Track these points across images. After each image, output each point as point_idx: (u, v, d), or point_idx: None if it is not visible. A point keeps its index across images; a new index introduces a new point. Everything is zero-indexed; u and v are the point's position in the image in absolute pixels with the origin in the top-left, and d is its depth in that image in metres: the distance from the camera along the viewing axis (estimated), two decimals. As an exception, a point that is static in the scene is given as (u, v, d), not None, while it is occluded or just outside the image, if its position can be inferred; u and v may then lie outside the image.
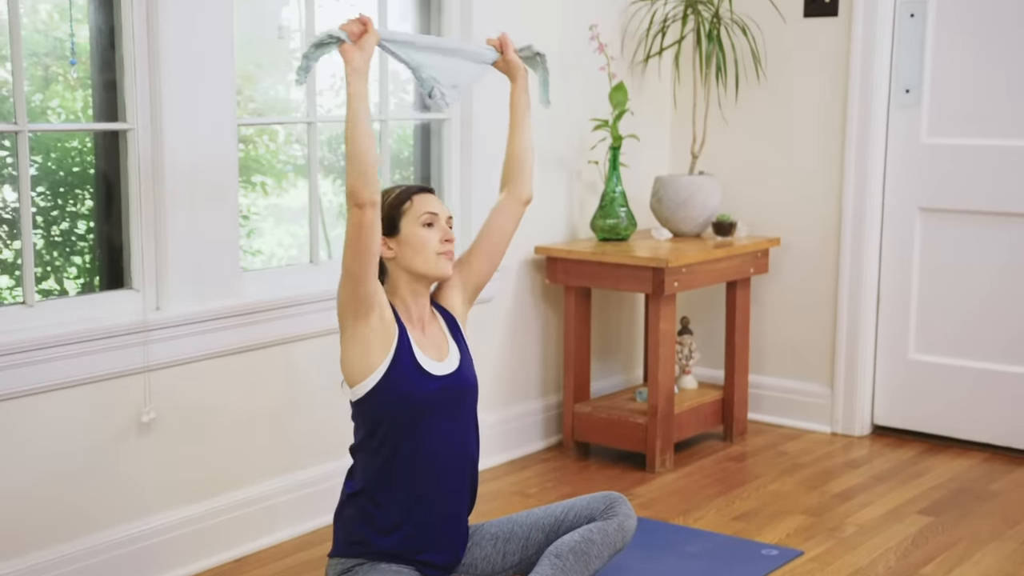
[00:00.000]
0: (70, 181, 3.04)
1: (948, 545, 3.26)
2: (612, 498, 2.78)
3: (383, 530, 2.60)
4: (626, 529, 2.76)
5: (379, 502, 2.60)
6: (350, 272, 2.46)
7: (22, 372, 2.69)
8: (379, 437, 2.58)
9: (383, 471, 2.60)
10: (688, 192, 4.14)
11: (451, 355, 2.65)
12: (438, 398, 2.59)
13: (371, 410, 2.56)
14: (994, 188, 4.03)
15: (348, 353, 2.53)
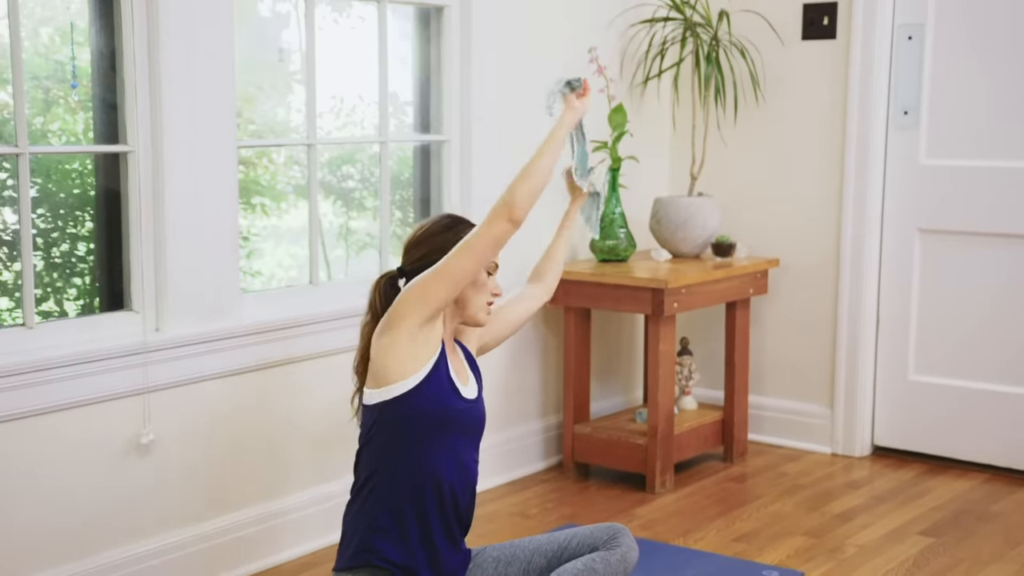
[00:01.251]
0: (70, 203, 3.05)
1: (949, 566, 3.25)
2: (615, 529, 2.81)
3: (391, 539, 2.60)
4: (628, 561, 2.78)
5: (387, 510, 2.60)
6: (457, 275, 2.50)
7: (22, 394, 2.69)
8: (394, 444, 2.58)
9: (393, 480, 2.60)
10: (687, 213, 4.15)
11: (471, 384, 2.70)
12: (461, 418, 2.63)
13: (396, 414, 2.57)
14: (993, 209, 4.04)
15: (395, 351, 2.54)
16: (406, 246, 2.73)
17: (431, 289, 2.52)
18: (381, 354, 2.57)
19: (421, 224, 2.76)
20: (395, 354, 2.55)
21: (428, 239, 2.70)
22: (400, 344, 2.54)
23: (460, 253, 2.50)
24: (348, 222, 3.87)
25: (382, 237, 3.69)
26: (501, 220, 2.50)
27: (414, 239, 2.72)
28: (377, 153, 3.73)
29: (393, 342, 2.55)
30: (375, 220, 3.79)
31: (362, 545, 2.61)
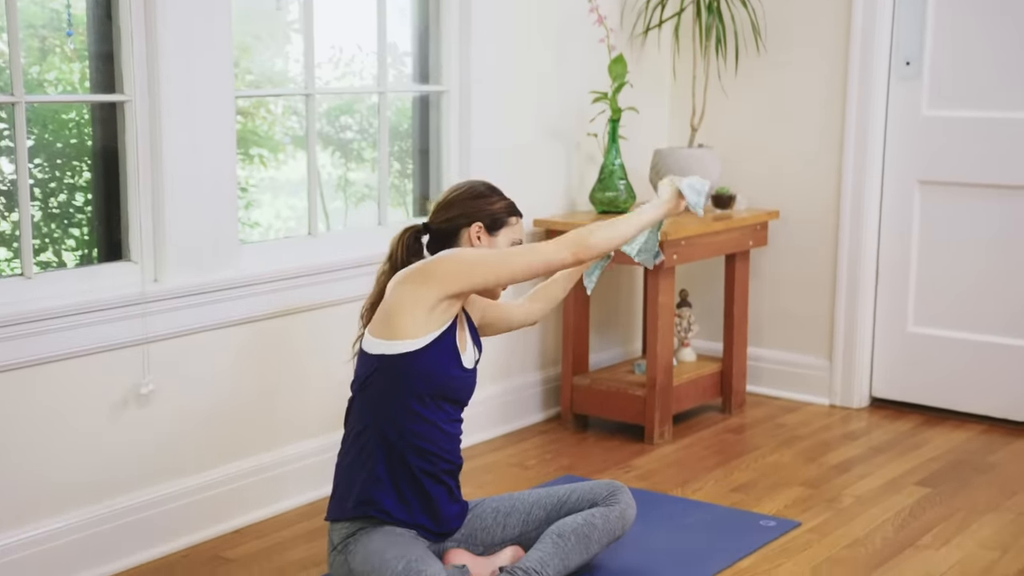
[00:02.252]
0: (68, 153, 3.04)
1: (945, 516, 3.27)
2: (615, 486, 2.85)
3: (388, 491, 2.62)
4: (626, 518, 2.82)
5: (382, 463, 2.63)
6: (506, 273, 2.62)
7: (21, 344, 2.69)
8: (388, 398, 2.60)
9: (386, 433, 2.62)
10: (687, 165, 4.13)
11: (469, 353, 2.74)
12: (455, 385, 2.69)
13: (395, 369, 2.60)
14: (994, 161, 4.02)
15: (414, 310, 2.59)
16: (437, 205, 2.81)
17: (478, 270, 2.59)
18: (398, 304, 2.59)
19: (456, 186, 2.84)
20: (412, 313, 2.58)
21: (459, 203, 2.78)
22: (420, 304, 2.58)
23: (520, 256, 2.62)
24: (346, 173, 3.86)
25: (381, 188, 3.68)
26: (567, 251, 2.63)
27: (446, 200, 2.80)
28: (376, 104, 3.70)
29: (415, 299, 2.58)
30: (374, 171, 3.77)
31: (361, 497, 2.63)
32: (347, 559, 2.59)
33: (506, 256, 2.63)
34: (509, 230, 2.80)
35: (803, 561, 2.96)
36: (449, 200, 2.80)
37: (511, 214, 2.81)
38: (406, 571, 2.40)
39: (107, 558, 2.89)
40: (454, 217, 2.77)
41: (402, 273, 2.65)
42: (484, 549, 2.82)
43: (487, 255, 2.62)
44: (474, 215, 2.77)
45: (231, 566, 2.94)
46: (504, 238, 2.79)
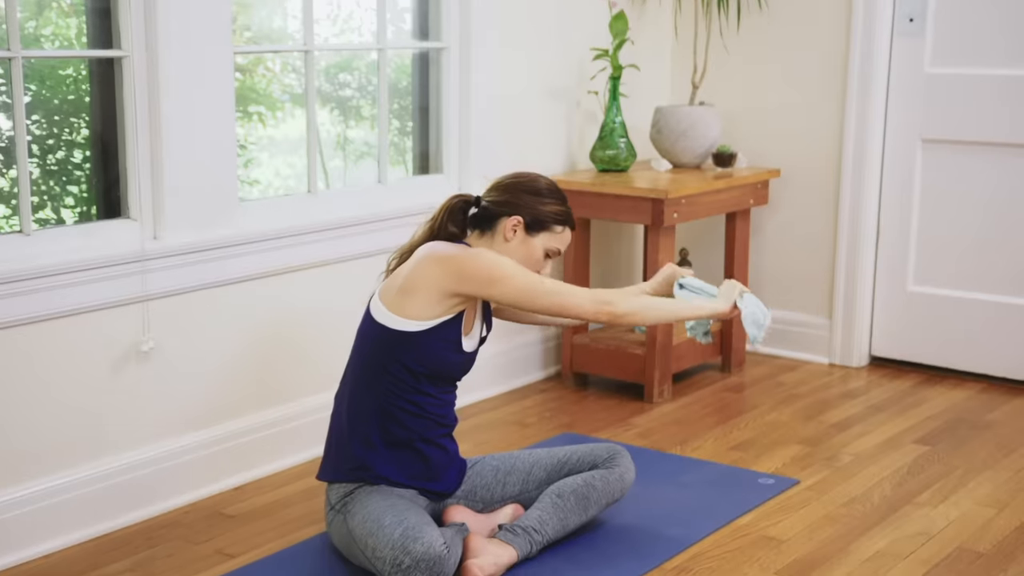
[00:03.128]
0: (65, 109, 3.02)
1: (944, 474, 3.28)
2: (615, 450, 2.86)
3: (382, 460, 2.64)
4: (626, 481, 2.84)
5: (376, 426, 2.64)
6: (523, 298, 2.60)
7: (20, 301, 2.69)
8: (384, 367, 2.61)
9: (379, 399, 2.63)
10: (688, 123, 4.11)
11: (473, 335, 2.73)
12: (451, 368, 2.70)
13: (394, 343, 2.61)
14: (997, 118, 4.00)
15: (424, 294, 2.58)
16: (496, 183, 2.78)
17: (502, 288, 2.58)
18: (415, 282, 2.59)
19: (521, 174, 2.80)
20: (426, 296, 2.58)
21: (514, 191, 2.73)
22: (436, 292, 2.59)
23: (548, 296, 2.60)
24: (346, 131, 3.84)
25: (380, 146, 3.66)
26: (600, 314, 2.62)
27: (504, 183, 2.77)
28: (375, 60, 3.68)
29: (434, 285, 2.58)
30: (373, 129, 3.76)
31: (355, 462, 2.65)
32: (346, 519, 2.60)
33: (535, 287, 2.60)
34: (550, 236, 2.74)
35: (801, 518, 2.98)
36: (506, 184, 2.76)
37: (559, 222, 2.75)
38: (403, 539, 2.40)
39: (107, 515, 2.90)
40: (501, 202, 2.73)
41: (436, 251, 2.61)
42: (484, 506, 2.84)
43: (519, 278, 2.59)
44: (519, 208, 2.72)
45: (232, 523, 2.95)
46: (541, 242, 2.73)
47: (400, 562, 2.38)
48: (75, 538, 2.83)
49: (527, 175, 2.79)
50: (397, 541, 2.41)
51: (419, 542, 2.39)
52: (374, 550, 2.44)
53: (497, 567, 2.59)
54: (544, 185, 2.77)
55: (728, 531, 2.90)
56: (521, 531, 2.68)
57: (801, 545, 2.83)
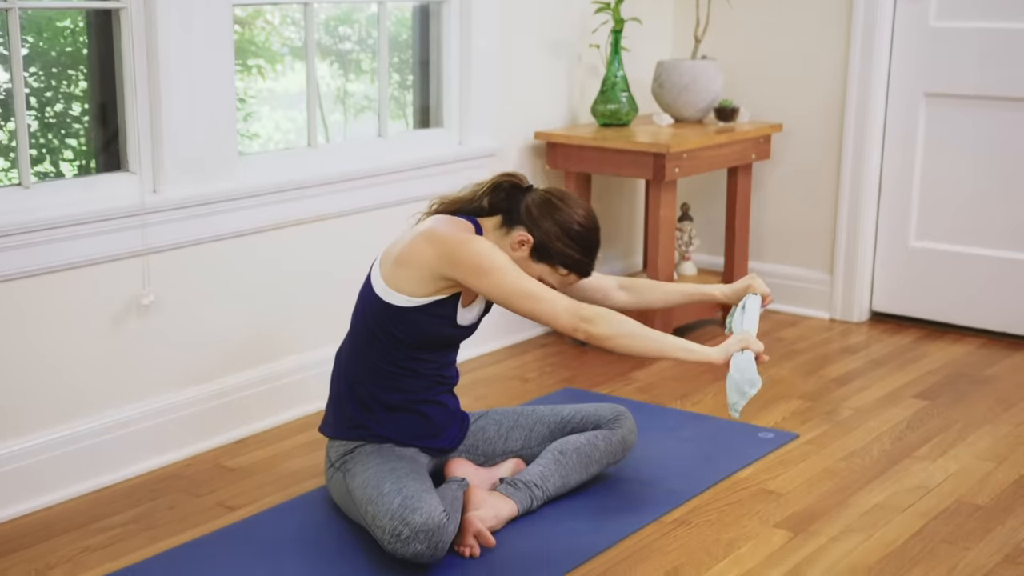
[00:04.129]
0: (63, 62, 3.00)
1: (943, 428, 3.29)
2: (619, 411, 2.86)
3: (381, 421, 2.64)
4: (628, 443, 2.85)
5: (375, 386, 2.64)
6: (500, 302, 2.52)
7: (20, 254, 2.68)
8: (381, 334, 2.60)
9: (377, 362, 2.63)
10: (690, 77, 4.09)
11: (473, 309, 2.69)
12: (445, 340, 2.67)
13: (389, 315, 2.60)
14: (1002, 72, 3.97)
15: (417, 271, 2.55)
16: (550, 190, 2.66)
17: (488, 281, 2.50)
18: (410, 257, 2.56)
19: (572, 200, 2.64)
20: (419, 274, 2.56)
21: (546, 212, 2.60)
22: (428, 272, 2.55)
23: (529, 300, 2.49)
24: (345, 85, 3.82)
25: (380, 100, 3.64)
26: (570, 325, 2.49)
27: (551, 199, 2.62)
28: (375, 13, 3.65)
29: (427, 265, 2.54)
30: (373, 83, 3.73)
31: (355, 421, 2.65)
32: (345, 478, 2.61)
33: (518, 288, 2.49)
34: (551, 271, 2.64)
35: (800, 472, 2.99)
36: (552, 202, 2.61)
37: (567, 267, 2.63)
38: (401, 508, 2.39)
39: (108, 468, 2.92)
40: (532, 216, 2.60)
41: (435, 229, 2.55)
42: (485, 459, 2.85)
43: (505, 276, 2.49)
44: (537, 229, 2.60)
45: (233, 475, 2.97)
46: (540, 270, 2.63)
47: (399, 533, 2.38)
48: (77, 490, 2.84)
49: (574, 206, 2.63)
50: (396, 511, 2.40)
51: (418, 512, 2.38)
52: (374, 518, 2.45)
53: (497, 520, 2.60)
54: (578, 225, 2.61)
55: (727, 484, 2.92)
56: (522, 485, 2.69)
57: (800, 498, 2.84)
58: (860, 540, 2.62)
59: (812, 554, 2.56)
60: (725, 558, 2.54)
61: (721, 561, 2.53)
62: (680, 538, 2.63)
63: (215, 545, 2.58)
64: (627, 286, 2.87)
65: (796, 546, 2.60)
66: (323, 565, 2.48)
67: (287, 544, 2.58)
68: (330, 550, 2.54)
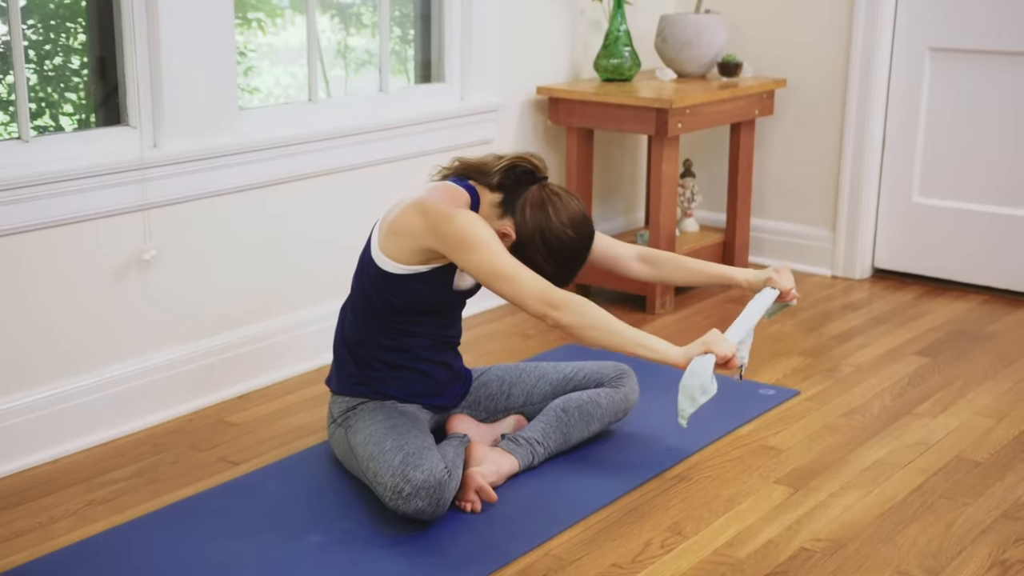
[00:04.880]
0: (62, 14, 2.97)
1: (944, 384, 3.30)
2: (622, 368, 2.86)
3: (383, 379, 2.65)
4: (630, 402, 2.85)
5: (375, 345, 2.64)
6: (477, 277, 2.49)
7: (20, 208, 2.67)
8: (380, 296, 2.60)
9: (376, 324, 2.63)
10: (694, 31, 4.05)
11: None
12: (441, 306, 2.66)
13: (385, 280, 2.59)
14: (1008, 27, 3.94)
15: (407, 242, 2.54)
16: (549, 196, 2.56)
17: (470, 258, 2.46)
18: (400, 227, 2.54)
19: (568, 210, 2.55)
20: (409, 244, 2.54)
21: (539, 215, 2.53)
22: (417, 244, 2.53)
23: (504, 281, 2.44)
24: (346, 39, 3.79)
25: (381, 55, 3.61)
26: (539, 310, 2.44)
27: (546, 205, 2.54)
28: (376, -34, 3.62)
29: (416, 237, 2.52)
30: (374, 37, 3.70)
31: (359, 378, 2.66)
32: (347, 434, 2.61)
33: (496, 267, 2.43)
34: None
35: (801, 428, 3.00)
36: (546, 208, 2.53)
37: (554, 274, 2.55)
38: (403, 465, 2.40)
39: (112, 422, 2.92)
40: (523, 214, 2.54)
41: (427, 200, 2.52)
42: (487, 415, 2.85)
43: (485, 253, 2.44)
44: (522, 231, 2.54)
45: (235, 430, 2.98)
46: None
47: (400, 490, 2.39)
48: (80, 444, 2.85)
49: (565, 219, 2.54)
50: (397, 468, 2.40)
51: (419, 469, 2.38)
52: (375, 474, 2.45)
53: (499, 475, 2.61)
54: (559, 241, 2.54)
55: (728, 440, 2.93)
56: (524, 441, 2.70)
57: (801, 454, 2.85)
58: (860, 496, 2.63)
59: (812, 510, 2.57)
60: (725, 514, 2.55)
61: (721, 517, 2.54)
62: (681, 494, 2.64)
63: (218, 499, 2.60)
64: (648, 258, 2.81)
65: (796, 502, 2.61)
66: (325, 520, 2.49)
67: (289, 499, 2.59)
68: (332, 505, 2.56)
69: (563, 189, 2.62)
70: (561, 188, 2.62)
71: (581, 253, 2.60)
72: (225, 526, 2.47)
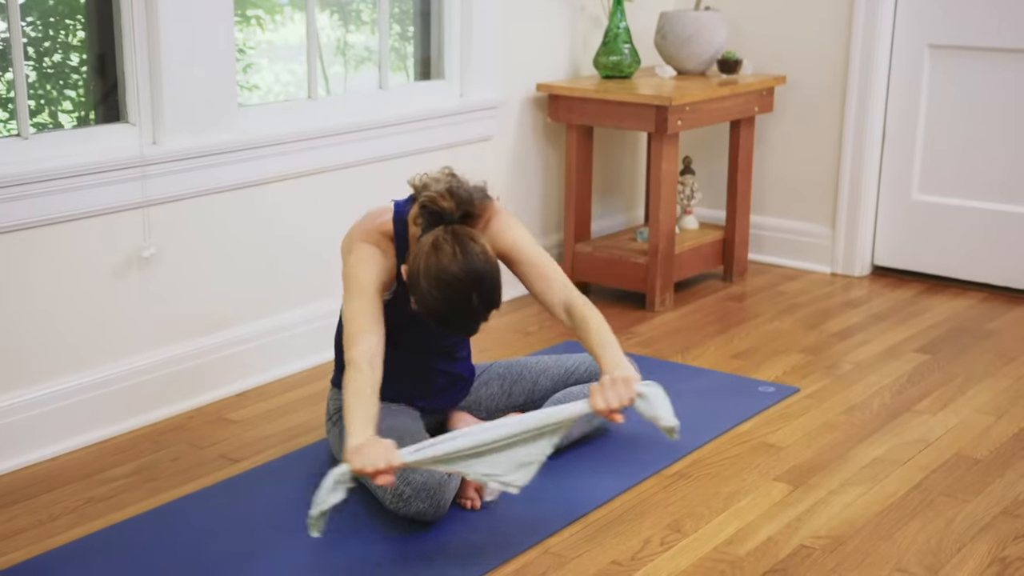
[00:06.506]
0: (61, 11, 2.97)
1: (943, 382, 3.30)
2: None
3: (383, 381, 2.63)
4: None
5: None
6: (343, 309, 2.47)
7: (20, 205, 2.67)
8: None
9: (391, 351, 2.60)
10: (693, 28, 4.05)
11: None
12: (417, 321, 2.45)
13: None
14: (1007, 24, 3.94)
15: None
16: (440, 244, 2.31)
17: (343, 293, 2.47)
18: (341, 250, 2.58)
19: (452, 265, 2.28)
20: None
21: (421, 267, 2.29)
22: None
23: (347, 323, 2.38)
24: (346, 36, 3.79)
25: (381, 51, 3.61)
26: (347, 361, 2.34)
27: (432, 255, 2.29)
28: (375, -37, 3.61)
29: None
30: (373, 34, 3.70)
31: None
32: (341, 433, 2.61)
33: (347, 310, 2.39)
34: None
35: (801, 426, 3.00)
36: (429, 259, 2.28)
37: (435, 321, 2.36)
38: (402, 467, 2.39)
39: (112, 420, 2.92)
40: (415, 258, 2.31)
41: (355, 226, 2.49)
42: (488, 415, 2.85)
43: (348, 293, 2.40)
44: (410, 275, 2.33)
45: (236, 428, 2.98)
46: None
47: (401, 492, 2.39)
48: (80, 442, 2.85)
49: (441, 278, 2.27)
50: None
51: (418, 471, 2.38)
52: None
53: (499, 472, 2.60)
54: (430, 301, 2.29)
55: (728, 438, 2.93)
56: (523, 437, 2.69)
57: (800, 452, 2.85)
58: (859, 493, 2.63)
59: (812, 507, 2.57)
60: (725, 511, 2.55)
61: (721, 514, 2.54)
62: (680, 491, 2.64)
63: (217, 497, 2.59)
64: (571, 314, 2.57)
65: (796, 499, 2.61)
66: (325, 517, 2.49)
67: (290, 496, 2.59)
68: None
69: (467, 235, 2.32)
70: (464, 234, 2.32)
71: (453, 316, 2.32)
72: (225, 524, 2.47)
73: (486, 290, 2.32)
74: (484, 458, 2.28)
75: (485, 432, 2.28)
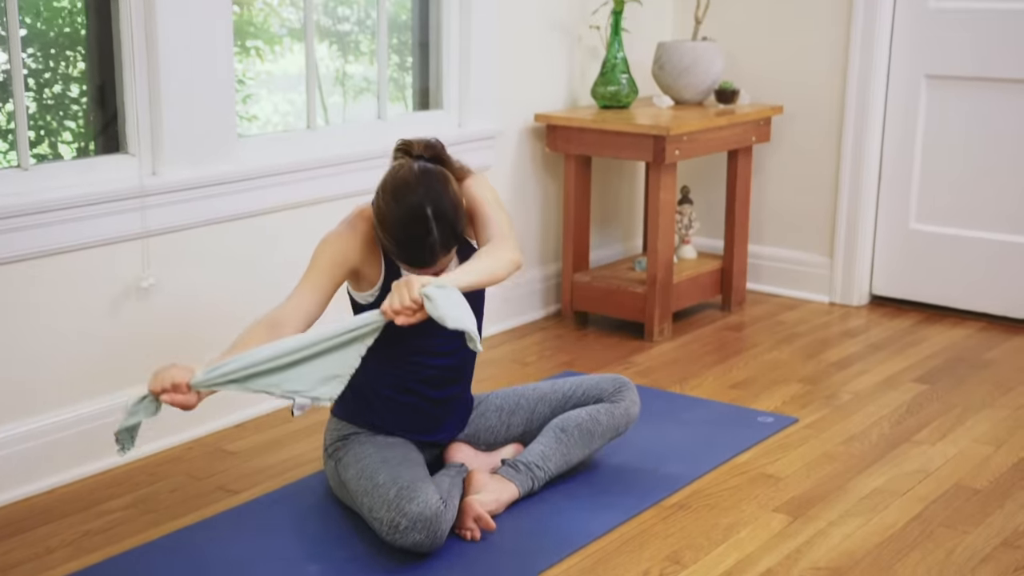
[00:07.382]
0: (61, 43, 2.98)
1: (942, 412, 3.29)
2: (621, 382, 2.82)
3: (374, 410, 2.63)
4: (631, 415, 2.81)
5: (373, 389, 2.62)
6: None
7: (19, 236, 2.67)
8: None
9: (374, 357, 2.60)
10: (691, 59, 4.07)
11: None
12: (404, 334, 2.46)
13: (354, 308, 2.64)
14: (1003, 54, 3.96)
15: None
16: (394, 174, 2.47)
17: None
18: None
19: (405, 186, 2.42)
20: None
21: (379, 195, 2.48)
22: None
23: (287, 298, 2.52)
24: (345, 66, 3.80)
25: (380, 82, 3.62)
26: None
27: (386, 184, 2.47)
28: (374, -6, 3.63)
29: None
30: (372, 64, 3.72)
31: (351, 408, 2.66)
32: (337, 468, 2.60)
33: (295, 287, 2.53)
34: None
35: (800, 456, 2.99)
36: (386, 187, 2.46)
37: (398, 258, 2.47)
38: (398, 499, 2.39)
39: (109, 451, 2.90)
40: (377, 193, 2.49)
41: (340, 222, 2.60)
42: (487, 447, 2.84)
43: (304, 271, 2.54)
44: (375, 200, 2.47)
45: (234, 459, 2.97)
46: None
47: (397, 524, 2.38)
48: (77, 474, 2.84)
49: (394, 184, 2.42)
50: (392, 502, 2.39)
51: (414, 502, 2.37)
52: (370, 510, 2.44)
53: (498, 503, 2.60)
54: (386, 212, 2.42)
55: (727, 468, 2.92)
56: (523, 467, 2.68)
57: (799, 482, 2.84)
58: (859, 524, 2.63)
59: (811, 538, 2.56)
60: (724, 542, 2.54)
61: (720, 545, 2.53)
62: (679, 522, 2.64)
63: (216, 529, 2.58)
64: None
65: (795, 530, 2.60)
66: (323, 549, 2.48)
67: (288, 528, 2.58)
68: (330, 535, 2.55)
69: (431, 166, 2.45)
70: (428, 164, 2.45)
71: (408, 227, 2.39)
72: (223, 556, 2.46)
73: (440, 202, 2.39)
74: (287, 372, 2.26)
75: (285, 342, 2.28)
